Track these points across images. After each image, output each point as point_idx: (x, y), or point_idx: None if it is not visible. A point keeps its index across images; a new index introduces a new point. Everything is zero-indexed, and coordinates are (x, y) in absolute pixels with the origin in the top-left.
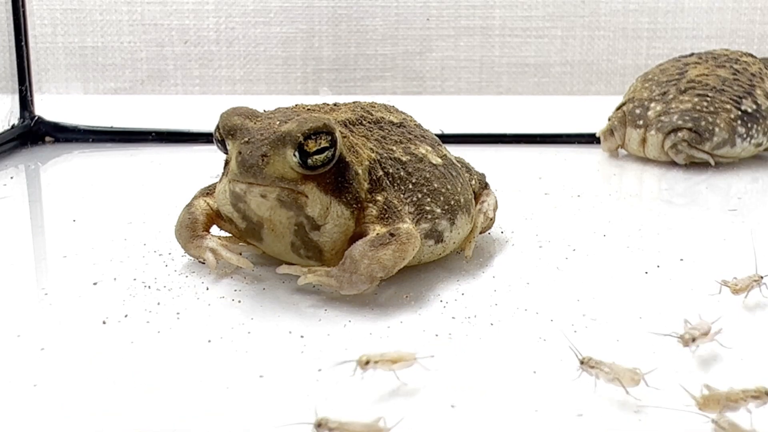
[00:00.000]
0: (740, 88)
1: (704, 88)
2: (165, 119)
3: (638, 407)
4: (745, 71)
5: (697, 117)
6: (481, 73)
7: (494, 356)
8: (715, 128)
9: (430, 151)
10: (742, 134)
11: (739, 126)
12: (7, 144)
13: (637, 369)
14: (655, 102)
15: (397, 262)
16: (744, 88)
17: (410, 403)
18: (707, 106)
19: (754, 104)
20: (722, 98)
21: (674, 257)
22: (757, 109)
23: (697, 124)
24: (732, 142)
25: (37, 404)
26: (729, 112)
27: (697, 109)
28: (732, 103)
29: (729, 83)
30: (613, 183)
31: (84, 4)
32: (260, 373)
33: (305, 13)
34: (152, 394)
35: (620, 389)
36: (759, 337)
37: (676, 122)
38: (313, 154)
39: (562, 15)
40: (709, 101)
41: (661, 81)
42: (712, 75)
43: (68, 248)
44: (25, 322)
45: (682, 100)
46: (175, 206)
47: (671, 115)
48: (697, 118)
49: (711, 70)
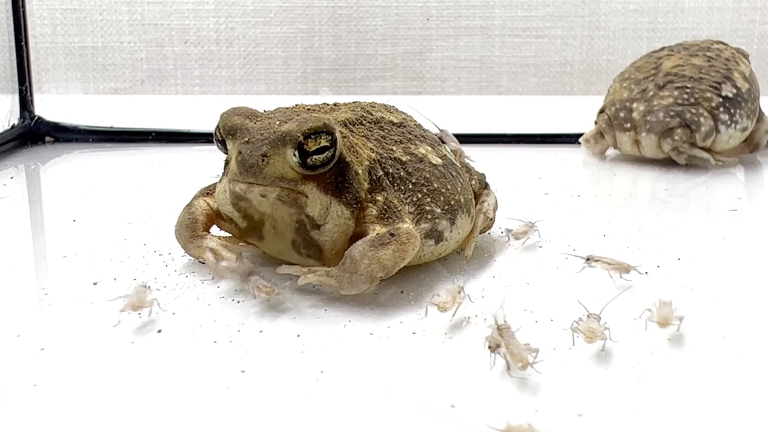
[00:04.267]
0: (717, 74)
1: (682, 80)
2: (165, 119)
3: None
4: (719, 57)
5: (680, 110)
6: (481, 73)
7: (494, 356)
8: (700, 118)
9: (430, 151)
10: (725, 121)
11: (721, 113)
12: (7, 144)
13: (628, 264)
14: (637, 101)
15: (397, 262)
16: (721, 74)
17: (410, 403)
18: (688, 98)
19: (734, 88)
20: (701, 87)
21: (674, 257)
22: (738, 93)
23: (682, 118)
24: (716, 130)
25: (37, 404)
26: (710, 101)
27: (678, 103)
28: (712, 90)
29: (705, 70)
30: (613, 183)
31: (84, 4)
32: (260, 373)
33: (305, 13)
34: (152, 394)
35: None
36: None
37: (663, 120)
38: (313, 154)
39: (562, 15)
40: (689, 92)
41: (638, 78)
42: (688, 65)
43: (68, 248)
44: (25, 322)
45: (663, 95)
46: (175, 206)
47: (656, 113)
48: (681, 112)
49: (685, 60)
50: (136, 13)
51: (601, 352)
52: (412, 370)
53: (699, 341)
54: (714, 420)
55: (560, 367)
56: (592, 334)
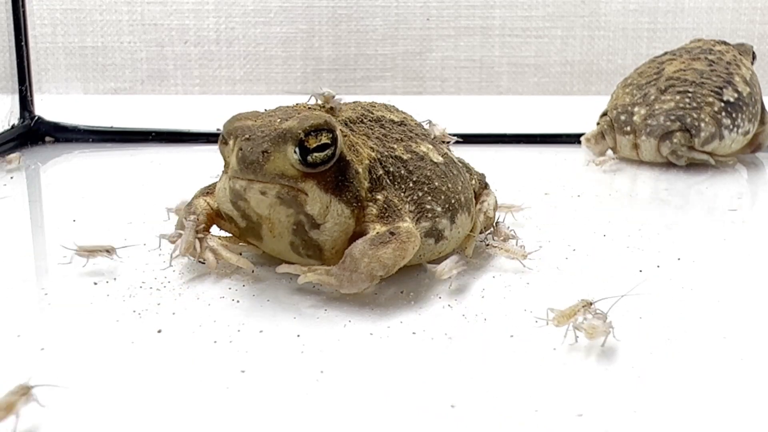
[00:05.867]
0: (719, 78)
1: (684, 84)
2: (165, 119)
3: (637, 407)
4: (720, 60)
5: (681, 114)
6: (481, 73)
7: (494, 356)
8: (701, 123)
9: (431, 149)
10: (728, 125)
11: (724, 118)
12: (7, 144)
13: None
14: (638, 106)
15: (397, 261)
16: (722, 78)
17: (410, 403)
18: (690, 102)
19: (735, 92)
20: (703, 92)
21: (674, 257)
22: (739, 97)
23: (683, 122)
24: (720, 135)
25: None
26: (712, 105)
27: (680, 107)
28: (713, 95)
29: (707, 75)
30: (613, 183)
31: (84, 4)
32: (260, 373)
33: (305, 13)
34: (152, 394)
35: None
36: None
37: (664, 123)
38: (314, 151)
39: (562, 15)
40: (691, 96)
41: (640, 84)
42: (689, 69)
43: (68, 248)
44: (25, 322)
45: (664, 99)
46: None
47: (657, 116)
48: (682, 116)
49: (687, 64)
50: (136, 13)
51: (601, 348)
52: (412, 370)
53: (699, 341)
54: (714, 420)
55: (560, 367)
56: (594, 331)
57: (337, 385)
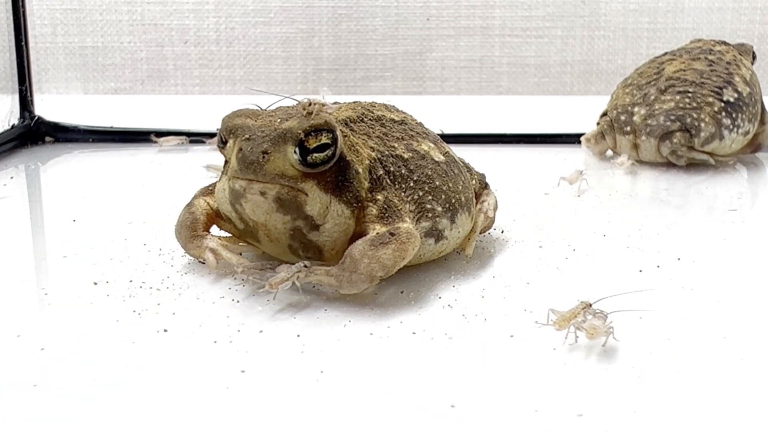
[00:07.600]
0: (719, 78)
1: (684, 84)
2: (165, 119)
3: (637, 407)
4: (720, 60)
5: (681, 114)
6: (481, 73)
7: (494, 356)
8: (701, 123)
9: (432, 148)
10: (728, 126)
11: (724, 118)
12: (7, 144)
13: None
14: (638, 106)
15: (397, 262)
16: (722, 78)
17: (410, 403)
18: (690, 102)
19: (735, 93)
20: (703, 92)
21: (674, 257)
22: (739, 98)
23: (683, 122)
24: (720, 136)
25: (37, 404)
26: (712, 105)
27: (680, 107)
28: (713, 95)
29: (707, 75)
30: (613, 183)
31: (84, 4)
32: (260, 373)
33: (305, 13)
34: (152, 394)
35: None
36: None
37: (664, 123)
38: (314, 151)
39: (562, 15)
40: (691, 97)
41: (640, 84)
42: (689, 69)
43: (68, 248)
44: (25, 322)
45: (664, 99)
46: (175, 206)
47: (657, 117)
48: (681, 116)
49: (687, 64)
50: (136, 13)
51: (602, 348)
52: (412, 370)
53: (699, 341)
54: (714, 420)
55: (560, 367)
56: (594, 331)
57: (337, 385)
